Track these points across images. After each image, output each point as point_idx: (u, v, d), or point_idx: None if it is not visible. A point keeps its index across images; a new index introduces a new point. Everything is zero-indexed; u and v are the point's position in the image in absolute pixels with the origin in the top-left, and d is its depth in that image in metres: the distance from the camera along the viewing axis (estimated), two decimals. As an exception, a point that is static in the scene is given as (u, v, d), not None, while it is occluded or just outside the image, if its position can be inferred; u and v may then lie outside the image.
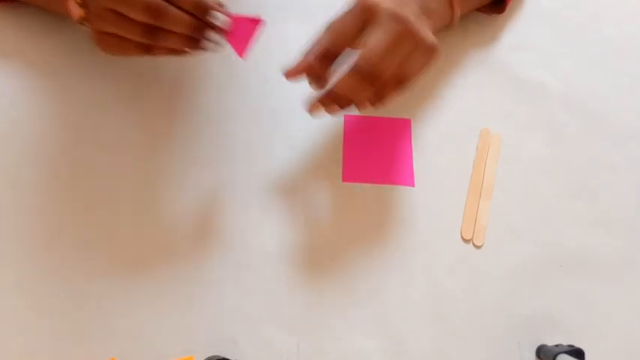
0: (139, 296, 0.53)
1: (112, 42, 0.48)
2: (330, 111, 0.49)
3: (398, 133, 0.62)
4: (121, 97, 0.61)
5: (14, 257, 0.54)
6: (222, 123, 0.61)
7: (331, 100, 0.47)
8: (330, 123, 0.62)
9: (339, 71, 0.46)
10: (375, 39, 0.45)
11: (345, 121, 0.62)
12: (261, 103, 0.62)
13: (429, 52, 0.48)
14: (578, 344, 0.53)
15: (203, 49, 0.48)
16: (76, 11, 0.50)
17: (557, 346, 0.53)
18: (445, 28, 0.64)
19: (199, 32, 0.47)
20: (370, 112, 0.63)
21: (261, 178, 0.59)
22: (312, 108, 0.49)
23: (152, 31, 0.46)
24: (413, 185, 0.60)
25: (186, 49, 0.48)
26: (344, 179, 0.60)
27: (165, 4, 0.45)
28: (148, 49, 0.48)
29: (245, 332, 0.53)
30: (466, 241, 0.58)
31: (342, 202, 0.59)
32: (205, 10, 0.46)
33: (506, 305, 0.56)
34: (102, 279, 0.54)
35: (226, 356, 0.51)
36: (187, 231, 0.56)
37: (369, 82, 0.45)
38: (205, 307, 0.54)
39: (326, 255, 0.57)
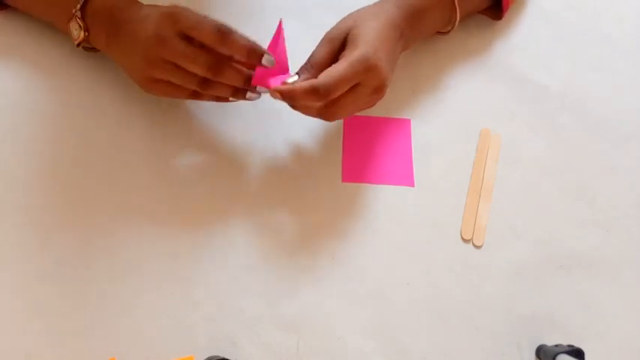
0: (139, 296, 0.53)
1: (162, 87, 0.53)
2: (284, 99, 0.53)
3: (398, 133, 0.62)
4: (120, 97, 0.61)
5: (14, 257, 0.54)
6: (222, 123, 0.61)
7: (288, 97, 0.51)
8: (329, 123, 0.62)
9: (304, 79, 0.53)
10: (339, 68, 0.51)
11: (344, 121, 0.62)
12: (261, 103, 0.62)
13: (377, 91, 0.54)
14: (577, 344, 0.52)
15: (246, 99, 0.54)
16: (79, 34, 0.56)
17: (556, 346, 0.53)
18: (444, 32, 0.64)
19: (249, 84, 0.52)
20: (370, 111, 0.63)
21: (261, 177, 0.59)
22: (274, 92, 0.52)
23: (206, 81, 0.52)
24: (413, 185, 0.60)
25: (230, 98, 0.54)
26: (344, 179, 0.60)
27: (226, 60, 0.50)
28: (196, 96, 0.54)
29: (245, 332, 0.53)
30: (466, 241, 0.58)
31: (342, 202, 0.59)
32: (261, 55, 0.51)
33: (506, 305, 0.56)
34: (102, 279, 0.54)
35: (226, 356, 0.51)
36: (187, 231, 0.56)
37: (318, 97, 0.50)
38: (205, 307, 0.54)
39: (326, 255, 0.57)
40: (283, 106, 0.62)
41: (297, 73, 0.54)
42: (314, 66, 0.54)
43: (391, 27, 0.55)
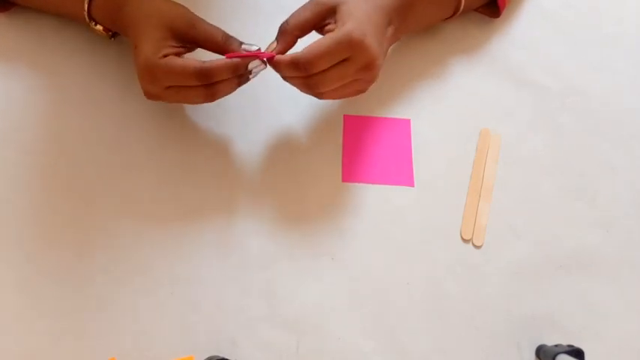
0: (139, 296, 0.53)
1: (181, 101, 0.55)
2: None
3: (398, 133, 0.62)
4: (120, 98, 0.61)
5: (14, 257, 0.54)
6: (221, 123, 0.61)
7: (274, 66, 0.53)
8: (329, 123, 0.62)
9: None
10: (323, 43, 0.51)
11: (344, 121, 0.62)
12: (260, 103, 0.62)
13: (366, 68, 0.53)
14: (577, 344, 0.53)
15: (250, 78, 0.55)
16: (104, 34, 0.60)
17: (556, 346, 0.53)
18: (446, 19, 0.64)
19: (243, 69, 0.53)
20: (370, 111, 0.63)
21: (261, 178, 0.59)
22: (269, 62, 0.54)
23: (210, 87, 0.52)
24: (412, 185, 0.60)
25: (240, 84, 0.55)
26: (344, 179, 0.60)
27: (209, 64, 0.51)
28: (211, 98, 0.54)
29: (245, 332, 0.53)
30: (466, 241, 0.58)
31: (342, 202, 0.59)
32: (245, 67, 0.53)
33: (506, 305, 0.56)
34: (102, 279, 0.54)
35: (226, 356, 0.51)
36: (187, 231, 0.56)
37: (299, 70, 0.51)
38: (205, 307, 0.54)
39: (326, 255, 0.57)
40: (283, 105, 0.62)
41: (276, 39, 0.54)
42: (292, 26, 0.54)
43: (380, 11, 0.55)
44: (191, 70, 0.50)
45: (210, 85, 0.52)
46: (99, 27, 0.59)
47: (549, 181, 0.62)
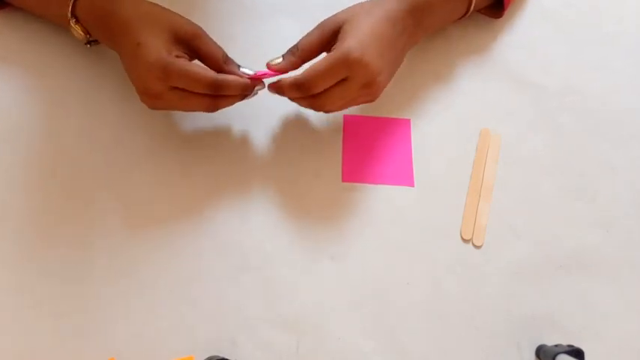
0: (138, 296, 0.54)
1: (180, 107, 0.55)
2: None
3: (397, 133, 0.62)
4: (118, 98, 0.61)
5: (14, 257, 0.54)
6: (220, 123, 0.61)
7: (276, 91, 0.55)
8: (329, 123, 0.62)
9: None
10: (321, 63, 0.52)
11: (344, 121, 0.62)
12: (259, 103, 0.62)
13: (367, 86, 0.54)
14: (577, 344, 0.53)
15: (249, 97, 0.56)
16: (81, 37, 0.58)
17: (556, 346, 0.53)
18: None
19: (251, 88, 0.55)
20: (370, 111, 0.63)
21: (261, 178, 0.59)
22: (269, 88, 0.56)
23: (215, 98, 0.53)
24: (412, 185, 0.60)
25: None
26: (344, 179, 0.60)
27: (225, 77, 0.52)
28: (212, 109, 0.55)
29: (245, 332, 0.53)
30: (466, 241, 0.58)
31: (342, 202, 0.59)
32: (253, 88, 0.55)
33: (506, 305, 0.56)
34: (102, 279, 0.54)
35: (226, 356, 0.51)
36: (186, 231, 0.56)
37: (301, 91, 0.53)
38: (205, 307, 0.54)
39: (325, 254, 0.57)
40: (282, 105, 0.62)
41: (282, 56, 0.55)
42: (299, 49, 0.54)
43: (388, 22, 0.55)
44: (207, 79, 0.51)
45: (216, 97, 0.53)
46: (78, 27, 0.57)
47: (549, 181, 0.62)
